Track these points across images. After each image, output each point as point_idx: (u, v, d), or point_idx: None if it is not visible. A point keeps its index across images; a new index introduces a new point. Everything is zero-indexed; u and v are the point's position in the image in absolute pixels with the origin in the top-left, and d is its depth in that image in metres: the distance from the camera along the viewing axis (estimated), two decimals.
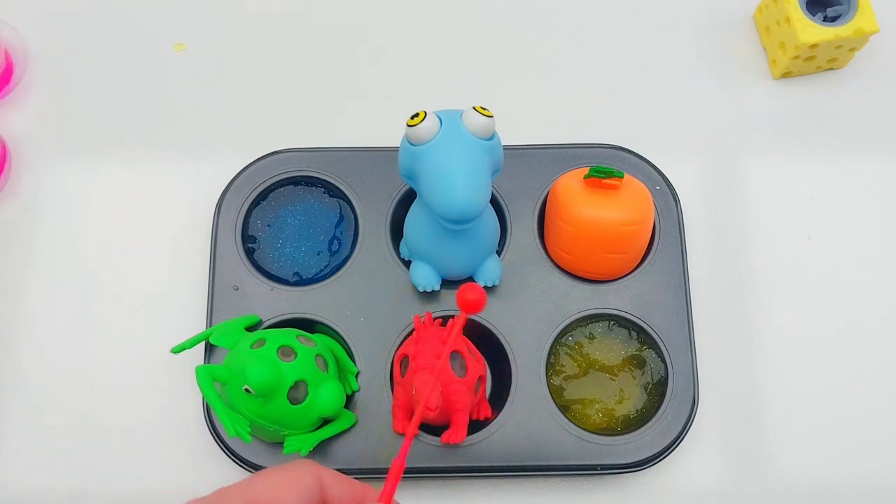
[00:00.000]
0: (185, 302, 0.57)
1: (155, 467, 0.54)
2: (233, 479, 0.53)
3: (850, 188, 0.61)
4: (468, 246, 0.51)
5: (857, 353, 0.57)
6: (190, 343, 0.51)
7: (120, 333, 0.57)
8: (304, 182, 0.58)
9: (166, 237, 0.59)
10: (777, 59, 0.62)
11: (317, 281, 0.55)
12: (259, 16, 0.66)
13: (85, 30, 0.65)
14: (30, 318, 0.57)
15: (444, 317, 0.53)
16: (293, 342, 0.49)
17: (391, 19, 0.66)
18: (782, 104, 0.63)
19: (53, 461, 0.55)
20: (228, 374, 0.47)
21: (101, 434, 0.55)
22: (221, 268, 0.55)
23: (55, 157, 0.62)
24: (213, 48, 0.65)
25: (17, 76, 0.63)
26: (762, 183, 0.61)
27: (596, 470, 0.52)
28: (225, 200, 0.57)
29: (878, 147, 0.62)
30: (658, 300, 0.55)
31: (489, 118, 0.45)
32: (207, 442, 0.53)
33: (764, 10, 0.63)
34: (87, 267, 0.59)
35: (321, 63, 0.64)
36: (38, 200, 0.60)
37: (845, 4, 0.59)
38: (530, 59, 0.64)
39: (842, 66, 0.63)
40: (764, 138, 0.62)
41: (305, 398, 0.48)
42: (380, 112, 0.62)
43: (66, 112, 0.63)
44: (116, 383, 0.56)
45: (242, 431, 0.46)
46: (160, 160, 0.61)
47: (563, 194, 0.53)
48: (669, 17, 0.66)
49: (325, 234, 0.57)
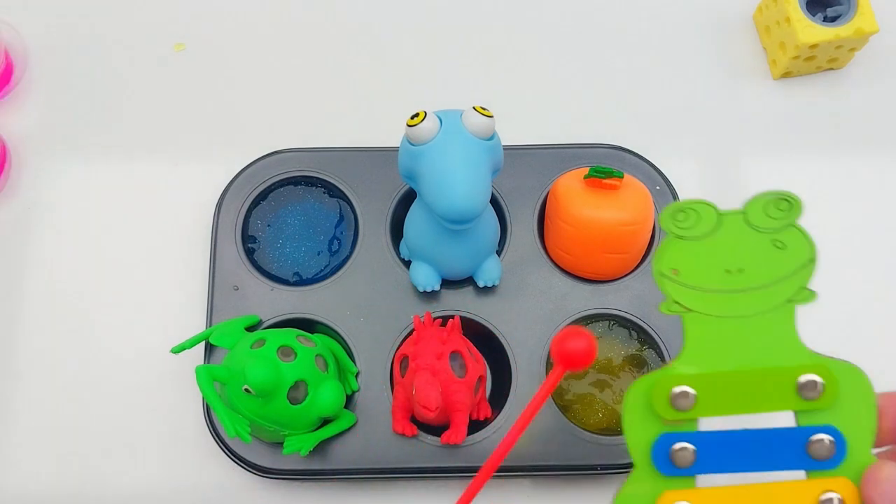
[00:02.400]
0: (184, 302, 0.57)
1: (154, 467, 0.54)
2: (233, 480, 0.54)
3: (851, 188, 0.61)
4: (468, 246, 0.51)
5: (858, 353, 0.57)
6: (190, 343, 0.51)
7: (119, 333, 0.57)
8: (304, 182, 0.58)
9: (166, 237, 0.59)
10: (777, 59, 0.62)
11: (317, 281, 0.55)
12: (259, 15, 0.66)
13: (85, 30, 0.65)
14: (29, 317, 0.57)
15: (443, 317, 0.53)
16: (293, 342, 0.49)
17: (391, 19, 0.66)
18: (782, 104, 0.63)
19: (52, 461, 0.54)
20: (228, 374, 0.47)
21: (101, 434, 0.55)
22: (221, 268, 0.55)
23: (55, 157, 0.61)
24: (214, 48, 0.65)
25: (17, 76, 0.63)
26: (762, 183, 0.60)
27: (596, 470, 0.51)
28: (225, 200, 0.57)
29: (879, 147, 0.62)
30: (658, 300, 0.54)
31: (489, 118, 0.45)
32: (207, 442, 0.53)
33: (764, 10, 0.63)
34: (86, 267, 0.59)
35: (321, 63, 0.64)
36: (38, 200, 0.60)
37: (845, 4, 0.59)
38: (530, 59, 0.64)
39: (842, 67, 0.63)
40: (764, 138, 0.62)
41: (305, 398, 0.48)
42: (380, 112, 0.62)
43: (66, 112, 0.63)
44: (116, 383, 0.56)
45: (242, 431, 0.46)
46: (160, 160, 0.61)
47: (563, 194, 0.53)
48: (669, 17, 0.66)
49: (325, 234, 0.57)
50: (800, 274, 0.36)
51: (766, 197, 0.35)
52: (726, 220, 0.36)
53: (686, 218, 0.36)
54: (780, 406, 0.35)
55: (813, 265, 0.36)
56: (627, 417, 0.35)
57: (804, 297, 0.36)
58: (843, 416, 0.35)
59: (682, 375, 0.35)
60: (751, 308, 0.35)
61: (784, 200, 0.35)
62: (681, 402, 0.35)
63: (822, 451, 0.34)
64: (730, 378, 0.35)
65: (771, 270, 0.36)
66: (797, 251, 0.36)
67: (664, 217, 0.35)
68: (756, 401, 0.35)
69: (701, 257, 0.35)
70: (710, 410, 0.35)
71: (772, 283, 0.36)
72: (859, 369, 0.35)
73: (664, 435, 0.35)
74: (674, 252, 0.36)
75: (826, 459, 0.35)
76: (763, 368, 0.35)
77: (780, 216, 0.36)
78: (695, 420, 0.35)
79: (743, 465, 0.35)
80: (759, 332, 0.35)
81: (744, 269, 0.35)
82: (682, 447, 0.35)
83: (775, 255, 0.36)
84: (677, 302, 0.36)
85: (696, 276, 0.35)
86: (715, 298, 0.35)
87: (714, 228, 0.36)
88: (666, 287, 0.36)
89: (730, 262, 0.35)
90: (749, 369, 0.35)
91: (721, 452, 0.35)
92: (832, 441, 0.34)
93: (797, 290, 0.36)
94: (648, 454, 0.35)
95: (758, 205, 0.35)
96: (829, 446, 0.34)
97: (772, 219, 0.36)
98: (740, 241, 0.36)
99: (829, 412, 0.35)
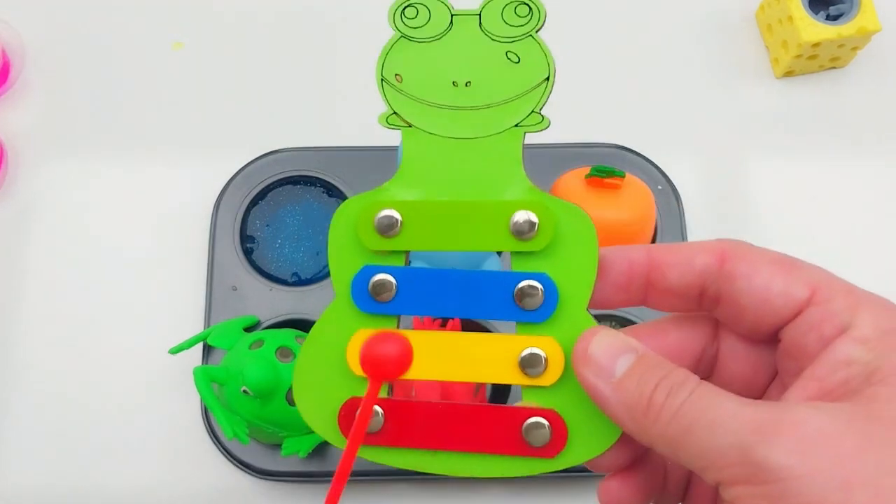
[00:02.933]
0: (183, 302, 0.57)
1: (152, 468, 0.54)
2: (231, 482, 0.54)
3: (853, 187, 0.61)
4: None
5: None
6: (188, 344, 0.51)
7: (117, 334, 0.57)
8: (303, 182, 0.57)
9: (164, 237, 0.59)
10: (779, 58, 0.62)
11: (315, 281, 0.55)
12: (258, 14, 0.65)
13: (82, 28, 0.65)
14: (27, 317, 0.57)
15: (443, 317, 0.53)
16: (292, 343, 0.49)
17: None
18: (785, 103, 0.63)
19: (50, 461, 0.54)
20: (226, 375, 0.46)
21: (99, 435, 0.55)
22: (220, 268, 0.55)
23: (52, 156, 0.61)
24: (212, 47, 0.64)
25: (15, 75, 0.63)
26: (764, 182, 0.60)
27: (589, 471, 0.51)
28: (223, 200, 0.56)
29: (881, 145, 0.62)
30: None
31: None
32: (205, 443, 0.53)
33: (766, 8, 0.63)
34: (84, 267, 0.58)
35: (320, 62, 0.64)
36: (36, 200, 0.60)
37: (847, 3, 0.59)
38: None
39: (844, 65, 0.63)
40: (766, 137, 0.62)
41: None
42: (379, 111, 0.62)
43: (64, 111, 0.63)
44: (114, 383, 0.56)
45: (240, 433, 0.45)
46: (158, 159, 0.61)
47: (564, 194, 0.53)
48: (671, 15, 0.66)
49: (324, 234, 0.56)
50: (532, 94, 0.32)
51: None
52: (459, 22, 0.31)
53: (416, 14, 0.31)
54: (492, 245, 0.31)
55: (548, 86, 0.32)
56: (332, 242, 0.32)
57: (534, 124, 0.32)
58: (559, 265, 0.31)
59: (390, 199, 0.32)
60: (474, 129, 0.32)
61: (524, 4, 0.31)
62: (384, 226, 0.31)
63: (530, 301, 0.30)
64: (442, 208, 0.31)
65: (501, 87, 0.31)
66: (532, 67, 0.31)
67: (392, 11, 0.31)
68: (467, 237, 0.31)
69: (427, 63, 0.31)
70: (416, 243, 0.32)
71: (500, 103, 0.32)
72: (582, 212, 0.31)
73: (367, 266, 0.32)
74: (398, 54, 0.31)
75: (534, 310, 0.30)
76: (478, 201, 0.31)
77: (518, 22, 0.31)
78: (402, 255, 0.32)
79: (448, 309, 0.32)
80: (479, 158, 0.32)
81: (472, 83, 0.31)
82: (382, 278, 0.31)
83: (508, 70, 0.31)
84: (397, 113, 0.32)
85: (421, 85, 0.31)
86: (438, 114, 0.32)
87: (445, 31, 0.31)
88: (387, 94, 0.32)
89: (457, 73, 0.31)
90: (463, 201, 0.31)
91: (425, 291, 0.31)
92: (540, 288, 0.30)
93: (527, 113, 0.32)
94: (349, 286, 0.31)
95: (494, 7, 0.31)
96: (538, 295, 0.30)
97: (508, 25, 0.31)
98: (471, 49, 0.31)
99: (544, 259, 0.31)
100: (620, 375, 0.27)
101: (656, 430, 0.25)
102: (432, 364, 0.31)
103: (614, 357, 0.27)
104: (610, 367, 0.27)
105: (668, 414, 0.25)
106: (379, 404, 0.31)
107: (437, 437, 0.31)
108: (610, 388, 0.27)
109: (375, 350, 0.30)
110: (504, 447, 0.31)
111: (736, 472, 0.23)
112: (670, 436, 0.25)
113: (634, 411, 0.26)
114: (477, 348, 0.31)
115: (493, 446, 0.31)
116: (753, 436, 0.23)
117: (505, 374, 0.31)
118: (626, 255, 0.30)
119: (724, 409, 0.24)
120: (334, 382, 0.32)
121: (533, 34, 0.31)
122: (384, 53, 0.32)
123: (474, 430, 0.31)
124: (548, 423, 0.30)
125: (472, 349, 0.31)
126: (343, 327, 0.32)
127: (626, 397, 0.27)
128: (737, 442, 0.23)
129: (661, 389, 0.26)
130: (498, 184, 0.31)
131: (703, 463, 0.24)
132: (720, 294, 0.28)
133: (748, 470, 0.23)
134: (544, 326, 0.31)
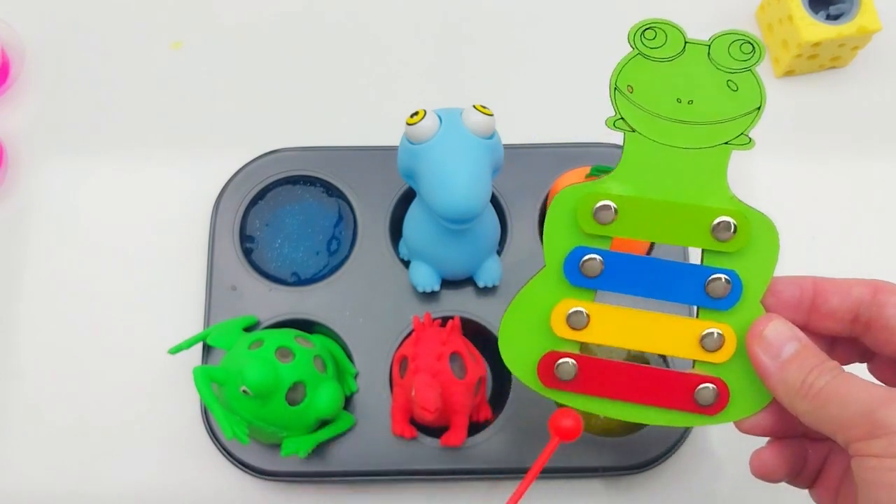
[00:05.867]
0: (182, 302, 0.57)
1: (152, 468, 0.54)
2: (231, 482, 0.54)
3: (854, 187, 0.61)
4: (468, 246, 0.51)
5: None
6: (187, 344, 0.51)
7: (117, 333, 0.57)
8: (303, 181, 0.57)
9: (163, 236, 0.59)
10: (779, 58, 0.62)
11: (315, 281, 0.55)
12: (257, 14, 0.65)
13: (82, 27, 0.65)
14: (26, 317, 0.57)
15: (443, 317, 0.53)
16: (291, 343, 0.49)
17: (391, 18, 0.65)
18: (785, 103, 0.63)
19: (50, 461, 0.54)
20: (226, 375, 0.46)
21: (98, 435, 0.55)
22: (219, 268, 0.55)
23: (52, 155, 0.61)
24: (211, 46, 0.64)
25: (14, 74, 0.63)
26: (764, 182, 0.60)
27: (598, 472, 0.51)
28: (223, 200, 0.56)
29: (882, 145, 0.62)
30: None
31: (489, 116, 0.45)
32: (205, 443, 0.53)
33: (766, 7, 0.63)
34: (83, 266, 0.58)
35: (320, 62, 0.64)
36: (35, 199, 0.60)
37: (848, 2, 0.59)
38: (531, 58, 0.64)
39: (845, 65, 0.63)
40: (766, 137, 0.61)
41: (304, 399, 0.48)
42: (380, 111, 0.62)
43: (63, 110, 0.62)
44: (113, 384, 0.55)
45: (240, 433, 0.45)
46: (157, 159, 0.61)
47: None
48: (671, 15, 0.65)
49: (324, 234, 0.56)
50: (744, 119, 0.36)
51: (733, 36, 0.36)
52: (690, 49, 0.36)
53: (654, 36, 0.37)
54: (693, 242, 0.37)
55: (758, 114, 0.36)
56: (550, 222, 0.38)
57: (742, 143, 0.37)
58: (746, 264, 0.37)
59: (609, 192, 0.37)
60: (690, 141, 0.36)
61: (749, 43, 0.36)
62: (602, 215, 0.36)
63: (718, 290, 0.36)
64: (653, 205, 0.36)
65: (719, 109, 0.36)
66: (748, 96, 0.36)
67: (633, 31, 0.36)
68: (671, 232, 0.37)
69: (658, 80, 0.36)
70: (627, 231, 0.37)
71: (716, 122, 0.36)
72: (774, 225, 0.37)
73: (579, 247, 0.37)
74: (634, 69, 0.36)
75: (720, 299, 0.37)
76: (686, 203, 0.36)
77: (741, 58, 0.36)
78: (610, 240, 0.37)
79: (643, 290, 0.38)
80: (691, 167, 0.37)
81: (694, 102, 0.36)
82: (592, 257, 0.37)
83: (726, 96, 0.36)
84: (624, 119, 0.37)
85: (649, 98, 0.36)
86: (660, 125, 0.36)
87: (677, 54, 0.36)
88: (618, 102, 0.37)
89: (683, 92, 0.36)
90: (672, 201, 0.36)
91: (626, 272, 0.37)
92: (729, 282, 0.36)
93: (738, 134, 0.37)
94: (562, 261, 0.38)
95: (723, 41, 0.36)
96: (726, 286, 0.36)
97: (733, 59, 0.36)
98: (698, 73, 0.36)
99: (734, 258, 0.37)
100: (786, 357, 0.35)
101: (804, 402, 0.34)
102: (616, 333, 0.38)
103: (783, 342, 0.35)
104: (779, 348, 0.35)
105: (814, 390, 0.33)
106: (574, 358, 0.38)
107: (621, 389, 0.38)
108: (775, 366, 0.35)
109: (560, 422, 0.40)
110: (677, 403, 0.38)
111: (861, 431, 0.31)
112: (813, 406, 0.33)
113: (790, 386, 0.34)
114: (658, 325, 0.38)
115: (667, 401, 0.38)
116: (875, 403, 0.31)
117: (683, 348, 0.37)
118: (796, 282, 0.38)
119: (855, 388, 0.32)
120: (536, 338, 0.39)
121: (752, 69, 0.36)
122: (620, 66, 0.37)
123: (653, 387, 0.38)
124: (716, 387, 0.37)
125: (653, 325, 0.38)
126: (550, 294, 0.38)
127: (787, 376, 0.34)
128: (862, 410, 0.32)
129: (814, 373, 0.34)
130: (703, 190, 0.37)
131: (835, 427, 0.32)
132: (871, 320, 0.36)
133: (869, 429, 0.31)
134: (725, 314, 0.37)
